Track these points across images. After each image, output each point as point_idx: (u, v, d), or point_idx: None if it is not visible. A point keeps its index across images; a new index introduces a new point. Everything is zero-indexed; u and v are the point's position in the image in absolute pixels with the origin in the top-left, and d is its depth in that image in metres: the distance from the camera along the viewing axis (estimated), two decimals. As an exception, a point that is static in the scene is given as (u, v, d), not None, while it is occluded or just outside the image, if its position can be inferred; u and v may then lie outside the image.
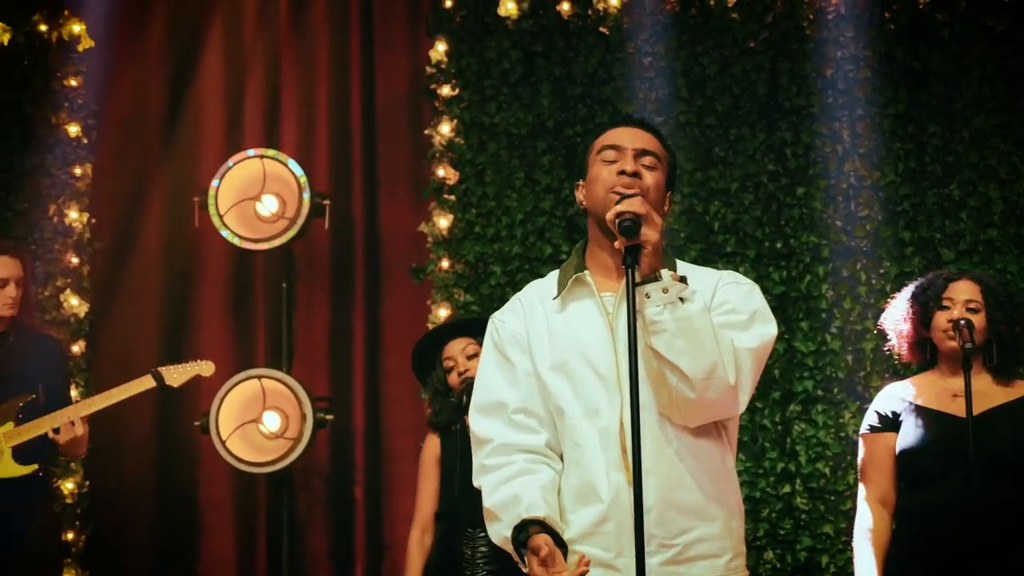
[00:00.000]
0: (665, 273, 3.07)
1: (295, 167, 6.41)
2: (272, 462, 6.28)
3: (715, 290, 3.26)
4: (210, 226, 6.46)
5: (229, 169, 6.45)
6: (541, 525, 3.10)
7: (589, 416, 3.20)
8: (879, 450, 4.46)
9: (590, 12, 6.56)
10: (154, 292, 7.01)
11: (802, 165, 6.36)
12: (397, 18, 7.03)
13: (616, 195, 3.17)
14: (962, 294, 4.43)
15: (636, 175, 3.23)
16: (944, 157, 6.29)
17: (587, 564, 3.03)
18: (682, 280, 3.08)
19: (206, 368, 5.73)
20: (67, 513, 6.55)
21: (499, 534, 3.19)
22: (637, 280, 3.04)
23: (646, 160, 3.28)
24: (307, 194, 6.38)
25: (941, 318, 4.42)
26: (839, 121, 6.36)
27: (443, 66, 6.65)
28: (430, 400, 5.06)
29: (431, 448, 5.05)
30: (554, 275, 3.40)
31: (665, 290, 3.04)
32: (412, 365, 5.15)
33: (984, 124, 6.27)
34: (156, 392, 5.73)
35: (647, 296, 3.04)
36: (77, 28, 6.87)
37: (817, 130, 6.36)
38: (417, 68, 6.87)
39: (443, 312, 6.39)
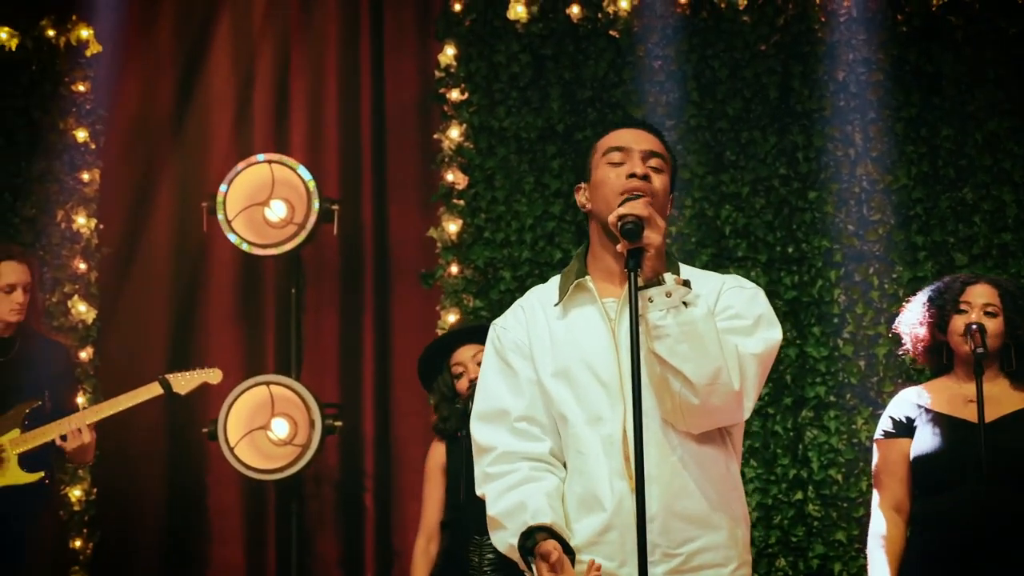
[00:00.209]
0: (668, 277, 3.02)
1: (304, 172, 6.38)
2: (280, 469, 6.26)
3: (719, 294, 3.21)
4: (218, 231, 6.45)
5: (238, 174, 6.43)
6: (548, 532, 3.05)
7: (592, 424, 3.15)
8: (893, 456, 4.42)
9: (600, 15, 6.53)
10: (162, 298, 6.99)
11: (814, 169, 6.33)
12: (407, 22, 7.01)
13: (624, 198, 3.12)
14: (980, 298, 4.39)
15: (646, 178, 3.19)
16: (957, 160, 6.25)
17: (598, 570, 3.00)
18: (685, 284, 3.04)
19: (214, 376, 5.73)
20: (74, 520, 6.54)
21: (504, 542, 3.15)
22: (640, 284, 3.00)
23: (653, 162, 3.24)
24: (316, 199, 6.35)
25: (958, 322, 4.37)
26: (851, 124, 6.32)
27: (452, 70, 6.63)
28: (436, 406, 5.02)
29: (436, 455, 5.01)
30: (556, 280, 3.36)
31: (668, 294, 3.00)
32: (418, 370, 5.11)
33: (998, 127, 6.22)
34: (164, 399, 5.71)
35: (650, 300, 3.00)
36: (85, 33, 6.87)
37: (829, 133, 6.33)
38: (427, 72, 6.84)
39: (452, 318, 6.36)
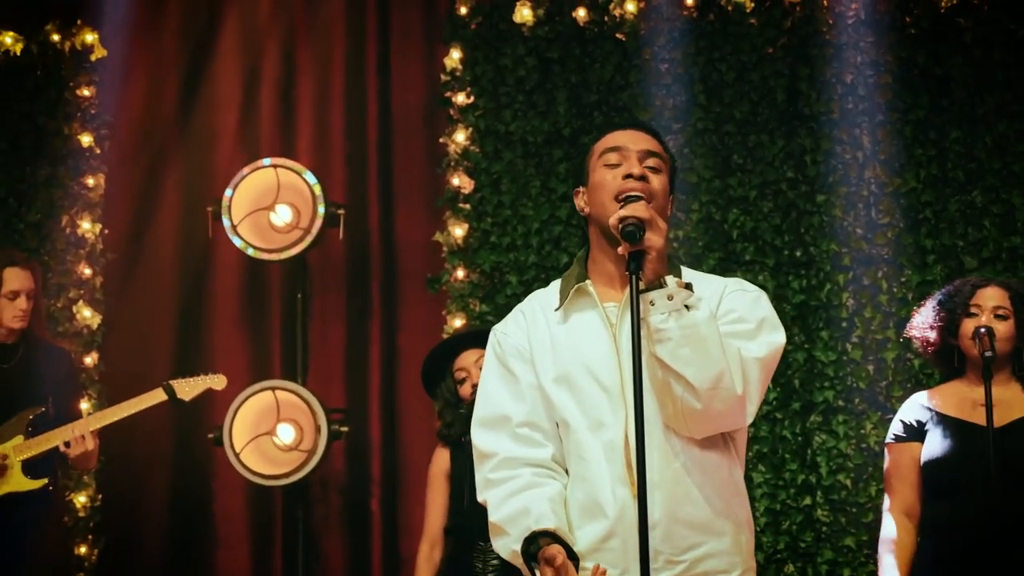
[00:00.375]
0: (670, 280, 2.99)
1: (309, 177, 6.36)
2: (286, 474, 6.24)
3: (721, 298, 3.18)
4: (224, 236, 6.43)
5: (243, 179, 6.41)
6: (552, 536, 3.03)
7: (593, 429, 3.13)
8: (904, 460, 4.40)
9: (606, 18, 6.50)
10: (167, 303, 6.97)
11: (822, 172, 6.29)
12: (413, 26, 6.99)
13: (623, 200, 3.08)
14: (990, 300, 4.36)
15: (643, 178, 3.15)
16: (966, 163, 6.20)
17: (603, 573, 2.98)
18: (687, 287, 3.00)
19: (218, 382, 5.71)
20: (79, 527, 6.52)
21: (507, 548, 3.12)
22: (641, 287, 2.97)
23: (651, 162, 3.20)
24: (321, 204, 6.33)
25: (969, 325, 4.34)
26: (859, 127, 6.28)
27: (458, 74, 6.60)
28: (439, 412, 4.99)
29: (440, 461, 4.99)
30: (556, 285, 3.33)
31: (670, 297, 2.96)
32: (421, 375, 5.08)
33: (1007, 129, 6.17)
34: (169, 405, 5.69)
35: (651, 303, 2.97)
36: (90, 38, 6.87)
37: (837, 136, 6.28)
38: (433, 77, 6.81)
39: (458, 322, 6.34)
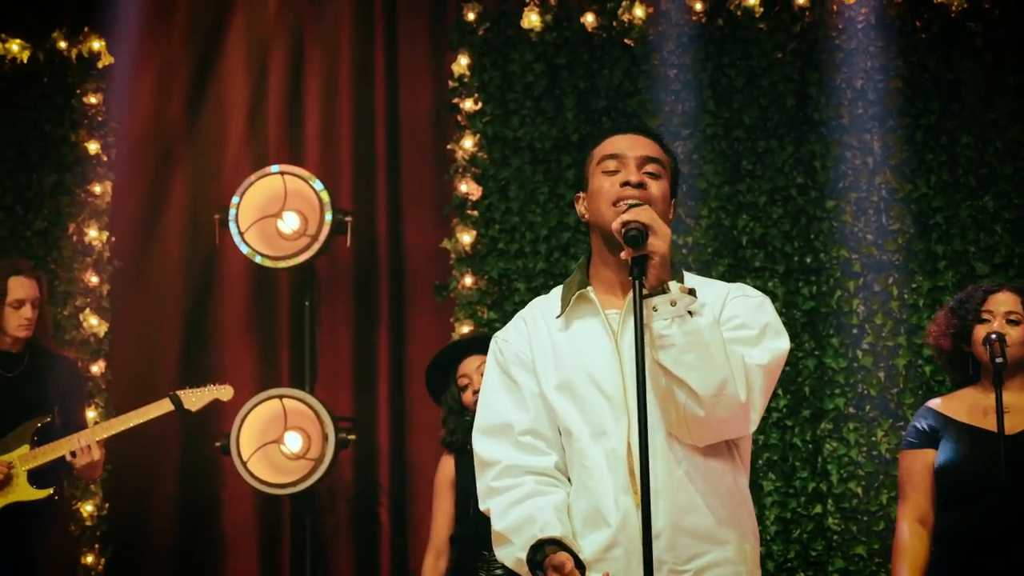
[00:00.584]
0: (673, 285, 2.95)
1: (316, 184, 6.34)
2: (294, 483, 6.22)
3: (724, 303, 3.14)
4: (231, 244, 6.41)
5: (250, 186, 6.39)
6: (558, 544, 2.99)
7: (596, 438, 3.08)
8: (917, 467, 4.36)
9: (615, 24, 6.48)
10: (175, 311, 6.95)
11: (832, 178, 6.26)
12: (421, 33, 6.97)
13: (621, 208, 3.03)
14: (1002, 306, 4.33)
15: (641, 185, 3.10)
16: (978, 169, 6.17)
17: None
18: (690, 293, 2.96)
19: (225, 392, 5.69)
20: (86, 535, 6.50)
21: (512, 556, 3.07)
22: (644, 293, 2.93)
23: (650, 168, 3.15)
24: (329, 211, 6.30)
25: (981, 331, 4.31)
26: (869, 133, 6.26)
27: (466, 80, 6.58)
28: (443, 419, 4.96)
29: (445, 470, 4.96)
30: (558, 291, 3.28)
31: (673, 303, 2.92)
32: (426, 383, 5.05)
33: (1019, 134, 6.14)
34: (178, 415, 5.66)
35: (654, 309, 2.93)
36: (97, 45, 6.86)
37: (847, 142, 6.26)
38: (441, 83, 6.80)
39: (466, 329, 6.31)
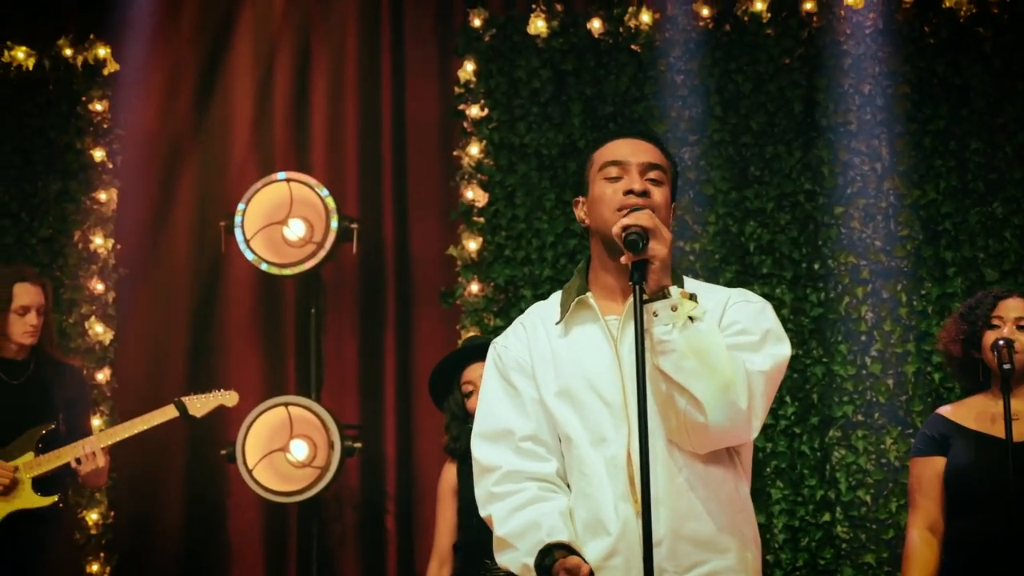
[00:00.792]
0: (674, 290, 2.92)
1: (322, 191, 6.32)
2: (299, 491, 6.21)
3: (724, 309, 3.10)
4: (237, 251, 6.40)
5: (256, 193, 6.38)
6: (567, 549, 2.96)
7: (596, 444, 3.05)
8: (927, 474, 4.34)
9: (621, 30, 6.45)
10: (180, 318, 6.94)
11: (840, 184, 6.23)
12: (428, 39, 6.97)
13: (623, 215, 3.00)
14: (1012, 311, 4.30)
15: (645, 193, 3.07)
16: (987, 174, 6.14)
17: None
18: (691, 298, 2.94)
19: (230, 399, 5.67)
20: (91, 544, 6.49)
21: (517, 562, 3.03)
22: (644, 298, 2.90)
23: (652, 174, 3.11)
24: (334, 218, 6.28)
25: (990, 337, 4.27)
26: (878, 138, 6.23)
27: (472, 86, 6.56)
28: (446, 426, 4.92)
29: (448, 477, 4.92)
30: (557, 297, 3.25)
31: (674, 307, 2.90)
32: (429, 389, 5.02)
33: (1028, 140, 6.13)
34: (182, 421, 5.64)
35: (655, 314, 2.90)
36: (102, 52, 6.85)
37: (855, 148, 6.23)
38: (448, 89, 6.78)
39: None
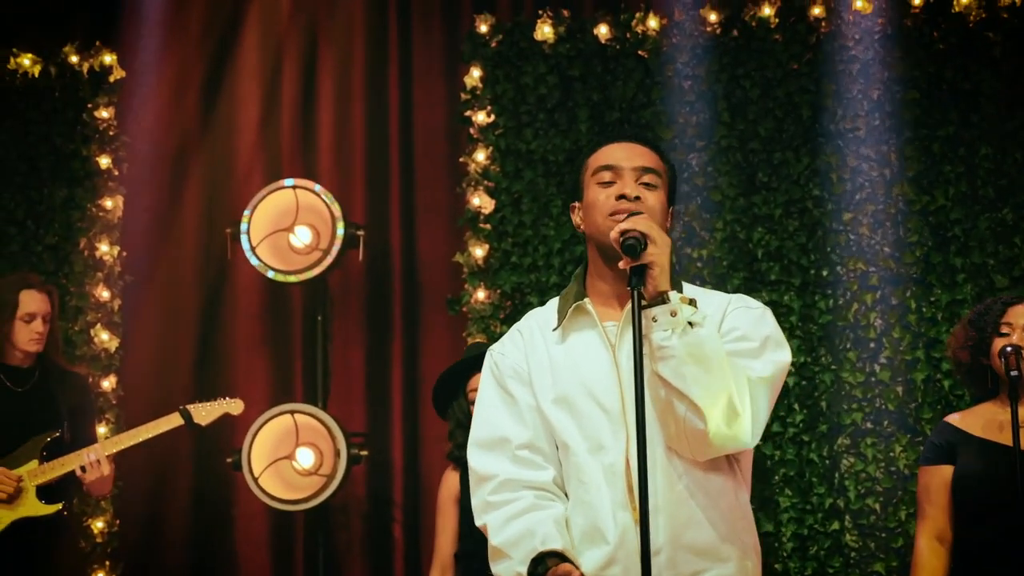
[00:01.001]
0: (673, 295, 2.89)
1: (328, 197, 6.30)
2: (306, 499, 6.19)
3: (724, 315, 3.07)
4: (243, 258, 6.39)
5: (262, 200, 6.37)
6: (560, 557, 2.94)
7: (594, 452, 3.02)
8: (934, 483, 4.31)
9: (628, 35, 6.44)
10: (187, 326, 6.93)
11: (848, 190, 6.20)
12: (435, 45, 6.95)
13: (617, 220, 2.97)
14: (1021, 318, 4.28)
15: (637, 199, 3.04)
16: (997, 180, 6.10)
17: None
18: (691, 303, 2.90)
19: (235, 407, 5.64)
20: (97, 552, 6.47)
21: (511, 571, 3.01)
22: (643, 303, 2.87)
23: (647, 178, 3.08)
24: (340, 225, 6.27)
25: (999, 344, 4.23)
26: (887, 144, 6.20)
27: (478, 92, 6.54)
28: (450, 433, 4.89)
29: (450, 485, 4.90)
30: (554, 303, 3.22)
31: (674, 313, 2.86)
32: (433, 397, 4.99)
33: (1039, 145, 6.09)
34: (188, 429, 5.62)
35: (654, 320, 2.87)
36: (108, 59, 6.85)
37: (864, 153, 6.20)
38: (455, 95, 6.76)
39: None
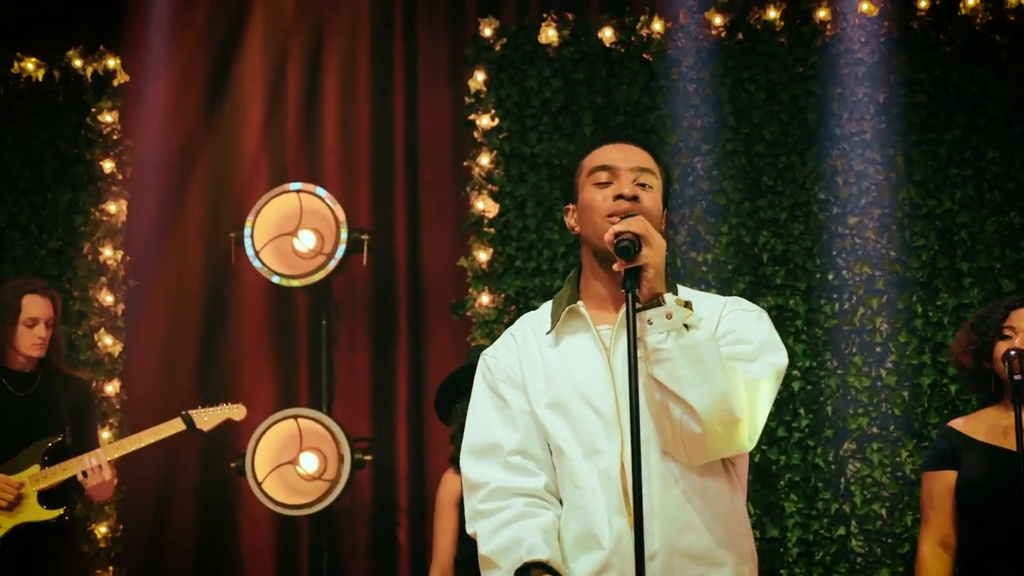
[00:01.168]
0: (669, 297, 2.86)
1: (332, 202, 6.28)
2: (309, 504, 6.17)
3: (720, 317, 3.03)
4: (247, 262, 6.38)
5: (265, 204, 6.35)
6: (544, 568, 2.90)
7: (588, 456, 2.99)
8: (938, 489, 4.27)
9: (633, 38, 6.42)
10: (191, 330, 6.91)
11: (854, 193, 6.18)
12: (440, 48, 6.94)
13: (614, 221, 2.94)
14: (1024, 321, 4.22)
15: (635, 198, 3.01)
16: (1004, 183, 6.08)
17: None
18: (687, 305, 2.87)
19: (237, 412, 5.62)
20: (100, 557, 6.46)
21: None
22: (638, 306, 2.84)
23: (643, 179, 3.06)
24: (344, 229, 6.25)
25: (1002, 348, 4.20)
26: (893, 147, 6.18)
27: (482, 96, 6.52)
28: (453, 436, 4.85)
29: (449, 488, 4.86)
30: (547, 307, 3.19)
31: (669, 315, 2.83)
32: (435, 401, 4.95)
33: (1046, 148, 6.07)
34: (190, 434, 5.60)
35: (649, 322, 2.84)
36: (112, 63, 6.83)
37: (870, 157, 6.18)
38: (460, 99, 6.74)
39: (487, 349, 6.23)
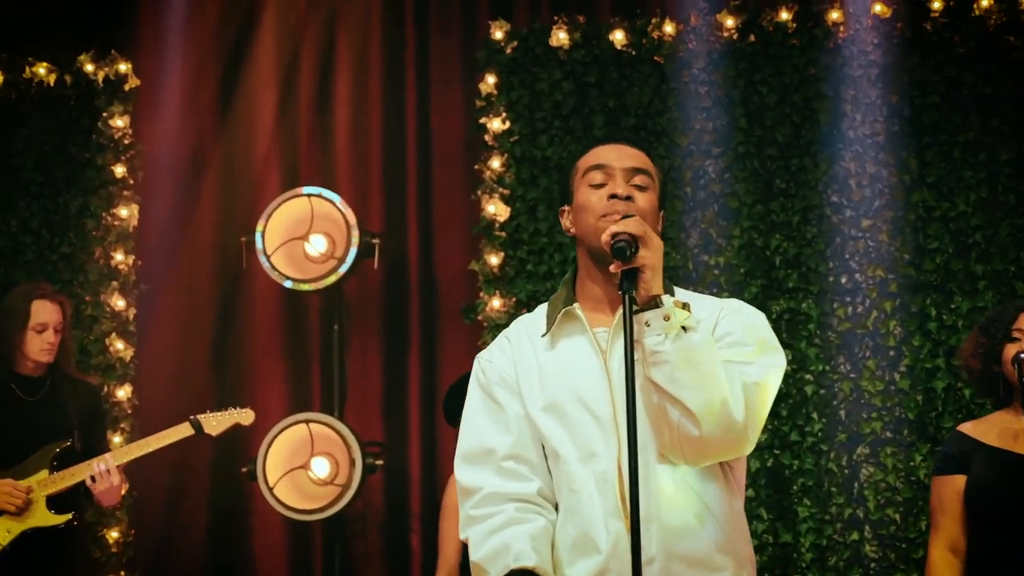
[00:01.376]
0: (666, 299, 2.82)
1: (343, 206, 6.28)
2: (321, 509, 6.17)
3: (717, 319, 2.99)
4: (258, 266, 6.38)
5: (277, 208, 6.35)
6: (531, 575, 2.87)
7: (584, 460, 2.95)
8: (948, 494, 4.24)
9: (644, 41, 6.40)
10: (202, 335, 6.91)
11: (867, 196, 6.15)
12: (452, 52, 6.94)
13: (609, 222, 2.90)
14: (1034, 323, 4.19)
15: (629, 199, 2.97)
16: (1018, 186, 6.06)
17: None
18: (684, 307, 2.84)
19: (246, 416, 5.59)
20: (112, 562, 6.46)
21: None
22: (635, 307, 2.81)
23: (638, 179, 3.02)
24: (356, 233, 6.24)
25: (1012, 351, 4.17)
26: (906, 150, 6.15)
27: (493, 99, 6.51)
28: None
29: (454, 492, 4.83)
30: (543, 309, 3.15)
31: (667, 317, 2.79)
32: (444, 406, 4.93)
33: (1060, 150, 6.03)
34: (204, 438, 5.58)
35: (647, 324, 2.81)
36: (124, 67, 6.83)
37: (883, 159, 6.15)
38: (472, 103, 6.73)
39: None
